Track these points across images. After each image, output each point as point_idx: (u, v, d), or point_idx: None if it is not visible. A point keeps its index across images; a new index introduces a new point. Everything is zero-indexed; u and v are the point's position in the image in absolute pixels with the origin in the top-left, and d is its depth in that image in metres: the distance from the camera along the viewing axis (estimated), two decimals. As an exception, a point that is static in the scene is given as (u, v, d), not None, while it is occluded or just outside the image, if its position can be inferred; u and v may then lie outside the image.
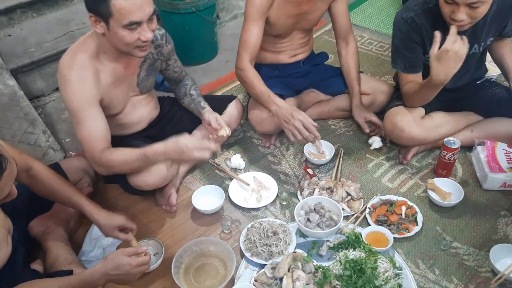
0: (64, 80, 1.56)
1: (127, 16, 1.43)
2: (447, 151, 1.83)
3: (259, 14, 1.90)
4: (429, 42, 1.82)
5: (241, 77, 1.95)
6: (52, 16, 2.85)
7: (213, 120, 1.86)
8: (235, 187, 1.94)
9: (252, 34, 1.92)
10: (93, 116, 1.60)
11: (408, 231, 1.68)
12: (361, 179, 1.95)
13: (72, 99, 1.56)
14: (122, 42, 1.51)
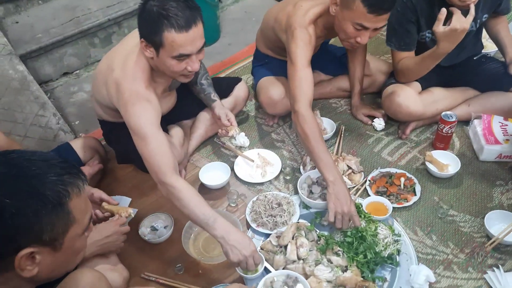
0: (130, 102, 1.54)
1: (178, 49, 1.47)
2: (445, 124, 1.89)
3: (309, 60, 1.81)
4: (424, 20, 1.88)
5: (300, 125, 1.70)
6: (58, 2, 2.90)
7: (223, 116, 1.91)
8: (240, 163, 2.02)
9: (308, 78, 1.77)
10: (158, 135, 1.56)
11: (406, 201, 1.75)
12: (361, 153, 2.02)
13: (139, 121, 1.54)
14: (169, 70, 1.56)
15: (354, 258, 1.50)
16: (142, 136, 1.54)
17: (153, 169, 1.53)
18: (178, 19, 1.43)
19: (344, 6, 1.68)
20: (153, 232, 1.75)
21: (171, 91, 1.92)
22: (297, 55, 1.78)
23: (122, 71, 1.59)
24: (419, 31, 1.92)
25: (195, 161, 2.09)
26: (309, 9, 1.83)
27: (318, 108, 2.28)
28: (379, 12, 1.63)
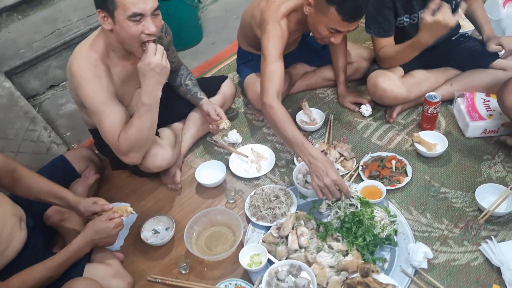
0: (82, 80, 1.62)
1: (130, 7, 1.49)
2: (429, 105, 1.94)
3: (280, 53, 1.84)
4: (401, 5, 1.92)
5: (270, 115, 1.73)
6: (37, 16, 2.89)
7: (212, 112, 1.94)
8: (235, 160, 2.05)
9: (277, 71, 1.80)
10: (115, 110, 1.67)
11: (399, 182, 1.81)
12: (352, 140, 2.07)
13: (92, 96, 1.63)
14: (128, 35, 1.56)
15: (354, 242, 1.54)
16: (98, 117, 1.65)
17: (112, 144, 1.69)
18: None
19: (319, 10, 1.71)
20: (155, 235, 1.77)
21: None
22: (269, 49, 1.82)
23: (73, 56, 1.65)
24: (396, 16, 1.96)
25: (190, 161, 2.12)
26: (281, 3, 1.87)
27: (306, 99, 2.32)
28: (353, 20, 1.68)
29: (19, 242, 1.49)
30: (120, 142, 1.68)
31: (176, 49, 2.81)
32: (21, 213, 1.58)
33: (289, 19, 1.87)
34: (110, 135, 1.69)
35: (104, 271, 1.48)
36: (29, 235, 1.54)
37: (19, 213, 1.56)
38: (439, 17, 1.70)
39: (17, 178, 1.56)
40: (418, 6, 1.93)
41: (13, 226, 1.47)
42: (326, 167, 1.58)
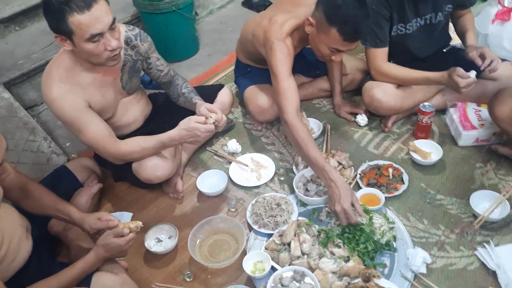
0: (48, 100, 1.65)
1: (86, 30, 1.49)
2: (424, 115, 2.01)
3: (290, 70, 1.87)
4: (396, 15, 1.99)
5: (291, 133, 1.76)
6: (35, 27, 2.91)
7: (204, 112, 1.86)
8: (235, 169, 2.09)
9: (291, 88, 1.83)
10: (89, 120, 1.70)
11: (396, 190, 1.86)
12: (349, 149, 2.12)
13: (63, 113, 1.66)
14: (92, 55, 1.58)
15: (355, 248, 1.59)
16: (77, 129, 1.70)
17: (101, 150, 1.75)
18: (77, 2, 1.47)
19: (320, 30, 1.76)
20: (159, 244, 1.80)
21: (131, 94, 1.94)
22: (278, 67, 1.85)
23: (42, 77, 1.69)
24: (391, 25, 2.03)
25: (191, 170, 2.15)
26: (284, 23, 1.91)
27: (303, 109, 2.37)
28: (355, 40, 1.74)
29: (25, 252, 1.50)
30: (118, 149, 1.74)
31: (173, 60, 2.91)
32: (27, 223, 1.59)
33: (292, 37, 1.92)
34: (96, 144, 1.72)
35: (112, 280, 1.50)
36: (34, 245, 1.55)
37: (25, 224, 1.57)
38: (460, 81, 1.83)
39: (26, 192, 1.58)
40: (412, 16, 2.01)
41: (20, 237, 1.48)
42: (342, 194, 1.61)
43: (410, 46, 2.12)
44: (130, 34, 1.80)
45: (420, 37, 2.09)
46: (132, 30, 1.82)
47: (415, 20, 2.02)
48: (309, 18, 1.78)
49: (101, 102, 1.78)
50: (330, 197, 1.66)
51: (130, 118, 1.98)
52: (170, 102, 2.15)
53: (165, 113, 2.13)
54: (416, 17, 2.02)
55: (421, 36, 2.09)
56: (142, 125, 2.06)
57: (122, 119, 1.94)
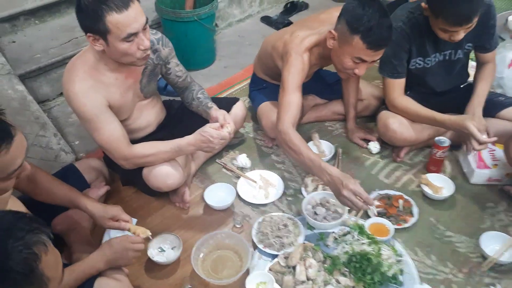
0: (70, 94, 1.65)
1: (124, 29, 1.50)
2: (438, 149, 2.00)
3: (299, 85, 1.89)
4: (416, 48, 1.99)
5: (285, 142, 1.77)
6: (55, 23, 2.92)
7: (220, 117, 1.87)
8: (243, 184, 2.07)
9: (295, 103, 1.86)
10: (108, 120, 1.71)
11: (405, 222, 1.84)
12: (359, 175, 2.11)
13: (83, 110, 1.66)
14: (125, 55, 1.59)
15: (362, 279, 1.56)
16: (94, 127, 1.70)
17: (115, 152, 1.74)
18: (115, 1, 1.48)
19: (343, 41, 1.77)
20: (161, 253, 1.77)
21: (148, 98, 1.95)
22: (288, 80, 1.87)
23: (65, 71, 1.68)
24: (410, 58, 2.03)
25: (198, 181, 2.13)
26: (305, 37, 1.93)
27: (315, 130, 2.37)
28: (378, 48, 1.74)
29: None
30: (131, 153, 1.73)
31: (189, 68, 2.85)
32: None
33: (311, 53, 1.93)
34: (110, 145, 1.72)
35: (114, 286, 1.47)
36: (37, 244, 1.53)
37: None
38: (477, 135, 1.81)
39: (33, 180, 1.56)
40: (431, 50, 2.01)
41: None
42: (342, 179, 1.59)
43: (428, 80, 2.12)
44: (153, 38, 1.82)
45: (438, 72, 2.10)
46: (155, 34, 1.84)
47: (434, 55, 2.03)
48: (331, 31, 1.79)
49: (120, 103, 1.77)
50: (333, 190, 1.64)
51: (144, 122, 1.97)
52: (183, 110, 2.15)
53: (178, 121, 2.13)
54: (436, 52, 2.02)
55: (440, 71, 2.10)
56: (154, 131, 2.05)
57: (136, 122, 1.93)
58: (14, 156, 1.15)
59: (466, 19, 1.73)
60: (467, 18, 1.72)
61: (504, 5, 3.41)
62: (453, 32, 1.80)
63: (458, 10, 1.70)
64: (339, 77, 2.36)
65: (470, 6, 1.70)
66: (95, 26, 1.51)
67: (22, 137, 1.20)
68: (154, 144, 1.77)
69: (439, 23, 1.79)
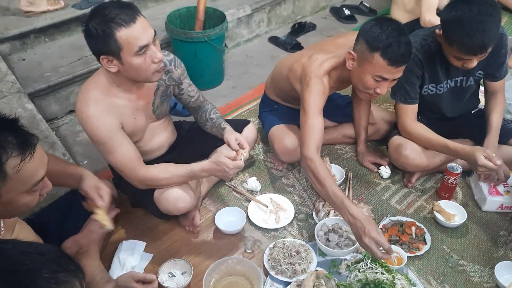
0: (84, 117, 1.65)
1: (135, 42, 1.52)
2: (450, 175, 2.00)
3: (321, 108, 1.90)
4: (428, 75, 2.00)
5: (310, 169, 1.77)
6: (64, 41, 2.93)
7: (232, 141, 1.86)
8: (253, 208, 2.05)
9: (318, 127, 1.86)
10: (121, 142, 1.70)
11: (418, 250, 1.82)
12: (370, 200, 2.10)
13: (96, 133, 1.66)
14: (140, 70, 1.59)
15: (376, 308, 1.54)
16: (108, 149, 1.69)
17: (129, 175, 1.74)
18: (121, 16, 1.50)
19: (363, 60, 1.78)
20: (171, 279, 1.74)
21: (162, 120, 1.95)
22: (310, 104, 1.87)
23: (79, 94, 1.69)
24: (422, 84, 2.04)
25: (208, 204, 2.11)
26: (324, 61, 1.93)
27: (326, 154, 2.36)
28: (399, 64, 1.74)
29: None
30: (145, 174, 1.72)
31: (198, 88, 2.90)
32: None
33: (329, 76, 1.94)
34: (124, 167, 1.72)
35: None
36: (47, 267, 1.51)
37: None
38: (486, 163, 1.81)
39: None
40: (443, 77, 2.01)
41: None
42: (365, 225, 1.56)
43: (439, 106, 2.12)
44: (165, 59, 1.82)
45: (449, 99, 2.10)
46: (167, 56, 1.85)
47: (446, 81, 2.03)
48: (351, 52, 1.80)
49: (132, 125, 1.77)
50: (354, 233, 1.62)
51: (156, 144, 1.97)
52: (194, 131, 2.15)
53: (188, 142, 2.12)
54: (447, 78, 2.03)
55: (451, 98, 2.10)
56: (165, 153, 2.04)
57: (148, 144, 1.93)
58: (37, 165, 1.16)
59: (481, 49, 1.74)
60: (481, 48, 1.73)
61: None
62: (466, 60, 1.81)
63: (474, 40, 1.71)
64: (349, 100, 2.38)
65: (485, 36, 1.71)
66: (107, 46, 1.52)
67: (41, 148, 1.22)
68: (168, 168, 1.76)
69: (453, 51, 1.80)
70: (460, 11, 1.72)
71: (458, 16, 1.73)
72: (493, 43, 1.74)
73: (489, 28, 1.71)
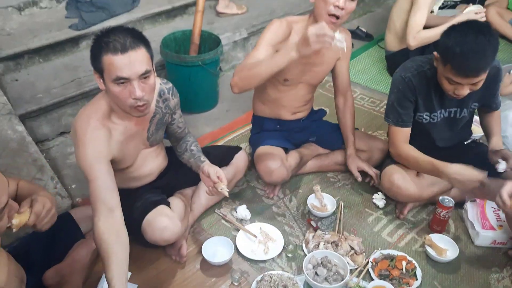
0: (78, 141, 1.62)
1: (115, 71, 1.50)
2: (442, 209, 1.97)
3: (271, 43, 1.96)
4: (422, 101, 1.98)
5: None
6: (59, 61, 2.93)
7: (212, 173, 1.84)
8: (242, 238, 2.02)
9: (261, 53, 1.93)
10: (99, 174, 1.62)
11: (409, 285, 1.78)
12: (362, 232, 2.06)
13: (84, 159, 1.62)
14: (117, 99, 1.58)
15: None
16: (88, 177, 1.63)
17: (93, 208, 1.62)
18: (116, 44, 1.50)
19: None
20: (155, 312, 1.70)
21: (155, 147, 1.93)
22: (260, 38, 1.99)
23: (77, 115, 1.68)
24: (416, 110, 2.02)
25: (196, 233, 2.08)
26: None
27: (318, 182, 2.34)
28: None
29: None
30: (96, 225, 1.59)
31: (191, 111, 2.90)
32: (23, 274, 1.52)
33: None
34: (93, 198, 1.63)
35: None
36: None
37: (21, 274, 1.49)
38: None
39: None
40: (437, 106, 2.00)
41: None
42: None
43: (431, 134, 2.11)
44: (164, 87, 1.82)
45: (442, 128, 2.08)
46: (166, 84, 1.85)
47: (440, 111, 2.02)
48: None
49: (124, 151, 1.75)
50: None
51: (146, 171, 1.94)
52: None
53: (178, 169, 2.09)
54: (441, 108, 2.02)
55: (444, 128, 2.08)
56: (155, 179, 2.01)
57: (138, 170, 1.91)
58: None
59: (474, 72, 1.72)
60: (475, 71, 1.71)
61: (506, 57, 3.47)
62: (457, 85, 1.78)
63: (469, 61, 1.69)
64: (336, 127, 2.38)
65: (480, 60, 1.69)
66: (95, 63, 1.55)
67: (1, 177, 1.19)
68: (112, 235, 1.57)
69: (447, 70, 1.77)
70: (459, 33, 1.72)
71: (457, 37, 1.72)
72: (485, 70, 1.73)
73: (485, 53, 1.69)
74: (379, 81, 3.32)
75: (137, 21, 3.26)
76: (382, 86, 3.25)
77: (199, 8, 2.76)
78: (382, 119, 2.78)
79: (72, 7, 3.14)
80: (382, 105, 3.02)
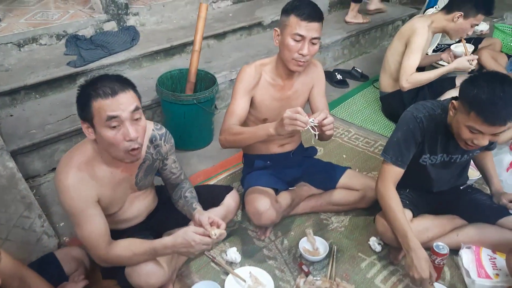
0: (61, 185, 1.59)
1: (105, 112, 1.48)
2: (437, 256, 1.92)
3: (246, 90, 2.07)
4: (427, 144, 1.95)
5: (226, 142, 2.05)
6: (55, 97, 2.94)
7: (204, 221, 1.77)
8: (231, 282, 1.95)
9: (239, 105, 2.07)
10: (92, 216, 1.64)
11: (402, 337, 1.72)
12: (354, 278, 2.00)
13: (70, 203, 1.60)
14: (110, 145, 1.55)
15: None
16: (77, 222, 1.63)
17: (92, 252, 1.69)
18: (105, 89, 1.49)
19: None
20: None
21: (142, 190, 1.90)
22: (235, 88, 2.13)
23: (61, 160, 1.65)
24: (422, 153, 1.98)
25: (184, 276, 2.02)
26: None
27: (311, 225, 2.29)
28: (496, 123, 1.66)
29: None
30: (107, 253, 1.66)
31: (185, 149, 2.89)
32: None
33: None
34: (90, 243, 1.64)
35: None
36: None
37: None
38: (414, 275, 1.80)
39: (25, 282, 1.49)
40: (440, 149, 1.98)
41: None
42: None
43: (428, 176, 2.08)
44: (156, 133, 1.81)
45: (439, 170, 2.06)
46: (159, 130, 1.83)
47: (442, 154, 2.00)
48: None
49: (111, 197, 1.72)
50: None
51: (134, 213, 1.91)
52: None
53: (168, 209, 2.06)
54: (444, 152, 1.99)
55: (441, 170, 2.06)
56: (143, 220, 1.97)
57: (126, 213, 1.87)
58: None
59: (502, 120, 1.66)
60: (503, 119, 1.66)
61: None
62: (479, 134, 1.73)
63: (497, 109, 1.64)
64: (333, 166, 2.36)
65: (509, 108, 1.65)
66: (83, 112, 1.53)
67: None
68: (131, 246, 1.67)
69: (470, 119, 1.71)
70: (486, 82, 1.68)
71: (483, 85, 1.67)
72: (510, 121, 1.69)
73: (510, 104, 1.66)
74: (374, 122, 3.33)
75: (135, 59, 3.30)
76: (377, 127, 3.25)
77: (196, 48, 2.80)
78: (376, 160, 2.78)
79: (72, 45, 3.18)
80: (377, 146, 3.01)
